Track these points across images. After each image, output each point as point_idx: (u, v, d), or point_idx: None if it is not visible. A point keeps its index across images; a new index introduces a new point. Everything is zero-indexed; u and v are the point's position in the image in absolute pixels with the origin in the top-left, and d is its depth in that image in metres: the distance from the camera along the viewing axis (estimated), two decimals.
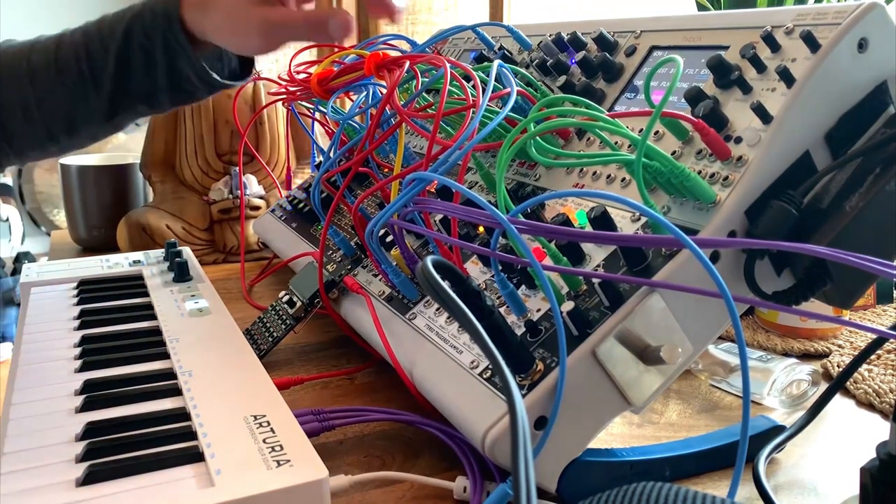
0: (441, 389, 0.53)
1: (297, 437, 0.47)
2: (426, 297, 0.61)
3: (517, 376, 0.47)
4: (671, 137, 0.53)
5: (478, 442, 0.47)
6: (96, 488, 0.43)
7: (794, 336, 0.76)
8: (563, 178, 0.61)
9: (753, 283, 0.48)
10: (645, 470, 0.50)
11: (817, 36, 0.48)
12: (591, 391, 0.46)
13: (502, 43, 0.80)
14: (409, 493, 0.51)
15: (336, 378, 0.69)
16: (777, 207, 0.46)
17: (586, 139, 0.62)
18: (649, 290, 0.46)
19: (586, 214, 0.50)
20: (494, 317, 0.45)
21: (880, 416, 0.61)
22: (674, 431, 0.59)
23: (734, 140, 0.50)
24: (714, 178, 0.49)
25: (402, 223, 0.54)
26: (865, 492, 0.40)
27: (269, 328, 0.73)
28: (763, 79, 0.51)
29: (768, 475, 0.51)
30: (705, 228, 0.47)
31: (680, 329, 0.47)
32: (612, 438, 0.57)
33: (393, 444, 0.57)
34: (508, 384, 0.34)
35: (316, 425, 0.56)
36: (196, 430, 0.48)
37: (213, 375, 0.55)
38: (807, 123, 0.48)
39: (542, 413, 0.45)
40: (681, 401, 0.64)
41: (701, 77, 0.56)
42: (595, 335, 0.46)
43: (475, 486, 0.49)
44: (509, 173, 0.67)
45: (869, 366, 0.68)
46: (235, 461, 0.44)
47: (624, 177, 0.55)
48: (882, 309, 0.84)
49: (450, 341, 0.55)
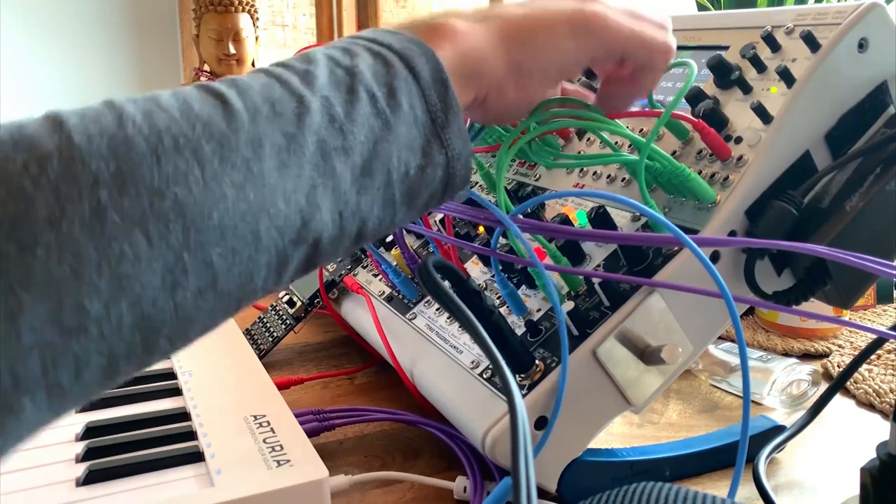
0: (441, 389, 0.53)
1: (297, 437, 0.47)
2: (426, 297, 0.61)
3: (517, 376, 0.47)
4: (671, 137, 0.53)
5: (478, 442, 0.47)
6: (96, 488, 0.43)
7: (794, 336, 0.76)
8: (563, 178, 0.61)
9: (753, 283, 0.48)
10: (645, 470, 0.50)
11: (817, 36, 0.48)
12: (591, 391, 0.46)
13: None
14: (409, 493, 0.51)
15: (336, 378, 0.69)
16: (777, 207, 0.46)
17: (586, 139, 0.62)
18: (649, 290, 0.46)
19: (586, 214, 0.50)
20: (494, 317, 0.45)
21: (880, 416, 0.61)
22: (674, 431, 0.59)
23: (734, 140, 0.50)
24: (714, 178, 0.49)
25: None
26: (865, 492, 0.40)
27: (269, 328, 0.73)
28: (763, 79, 0.51)
29: (768, 475, 0.51)
30: (705, 228, 0.47)
31: (680, 329, 0.47)
32: (612, 438, 0.57)
33: (393, 444, 0.57)
34: (508, 384, 0.34)
35: (316, 425, 0.56)
36: (196, 430, 0.48)
37: (213, 375, 0.56)
38: (807, 123, 0.48)
39: (543, 413, 0.45)
40: (681, 401, 0.64)
41: (701, 77, 0.56)
42: (595, 335, 0.46)
43: (475, 486, 0.49)
44: (509, 173, 0.66)
45: (869, 366, 0.68)
46: (235, 461, 0.44)
47: (624, 177, 0.55)
48: (882, 309, 0.84)
49: (450, 341, 0.55)
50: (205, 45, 1.88)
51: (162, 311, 0.28)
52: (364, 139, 0.34)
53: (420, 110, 0.36)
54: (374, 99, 0.35)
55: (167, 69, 3.30)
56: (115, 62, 3.29)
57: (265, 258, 0.32)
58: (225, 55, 1.85)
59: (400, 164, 0.36)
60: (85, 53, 3.21)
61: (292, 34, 3.09)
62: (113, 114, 0.30)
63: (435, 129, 0.37)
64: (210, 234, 0.29)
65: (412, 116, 0.36)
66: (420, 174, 0.37)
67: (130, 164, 0.28)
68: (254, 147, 0.31)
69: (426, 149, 0.37)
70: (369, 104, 0.35)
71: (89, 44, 3.20)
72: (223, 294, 0.31)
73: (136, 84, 3.33)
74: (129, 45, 3.30)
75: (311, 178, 0.33)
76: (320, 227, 0.33)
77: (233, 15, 1.85)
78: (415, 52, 0.37)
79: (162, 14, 3.29)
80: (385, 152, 0.35)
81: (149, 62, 3.33)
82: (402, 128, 0.36)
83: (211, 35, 1.85)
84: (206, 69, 1.91)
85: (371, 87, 0.35)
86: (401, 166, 0.36)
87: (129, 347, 0.28)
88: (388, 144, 0.35)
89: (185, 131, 0.30)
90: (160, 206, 0.28)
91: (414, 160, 0.36)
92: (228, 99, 0.32)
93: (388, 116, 0.35)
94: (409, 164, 0.36)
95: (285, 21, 3.09)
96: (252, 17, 1.91)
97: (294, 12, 3.11)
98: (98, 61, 3.25)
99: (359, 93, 0.35)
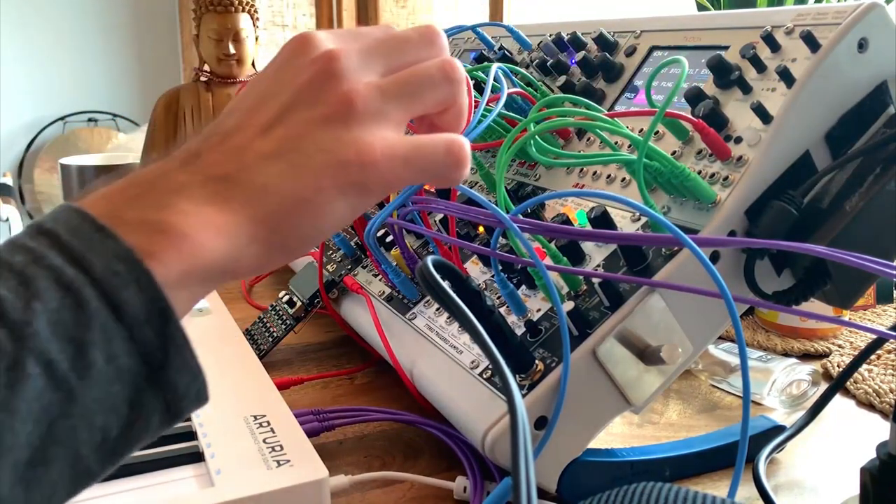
0: (441, 389, 0.53)
1: (297, 437, 0.47)
2: (426, 297, 0.61)
3: (517, 376, 0.47)
4: (671, 137, 0.53)
5: (478, 442, 0.47)
6: (96, 488, 0.43)
7: (794, 336, 0.76)
8: (563, 178, 0.61)
9: (753, 283, 0.48)
10: (645, 470, 0.50)
11: (817, 36, 0.48)
12: (591, 391, 0.46)
13: (502, 43, 0.80)
14: (409, 493, 0.51)
15: (336, 378, 0.69)
16: (777, 207, 0.46)
17: (586, 139, 0.62)
18: (649, 290, 0.46)
19: (586, 214, 0.50)
20: (494, 317, 0.45)
21: (880, 416, 0.61)
22: (674, 431, 0.59)
23: (734, 140, 0.50)
24: (714, 178, 0.49)
25: (402, 223, 0.54)
26: (865, 492, 0.40)
27: (269, 328, 0.73)
28: (763, 79, 0.51)
29: (768, 475, 0.51)
30: (705, 228, 0.47)
31: (680, 329, 0.47)
32: (612, 438, 0.57)
33: (393, 444, 0.57)
34: (508, 384, 0.34)
35: (316, 425, 0.56)
36: (196, 430, 0.48)
37: (213, 375, 0.55)
38: (807, 123, 0.48)
39: (543, 413, 0.45)
40: (681, 401, 0.64)
41: (701, 77, 0.56)
42: (595, 335, 0.46)
43: (475, 486, 0.49)
44: (509, 173, 0.66)
45: (869, 366, 0.68)
46: (235, 461, 0.44)
47: (624, 177, 0.55)
48: (882, 309, 0.84)
49: (450, 341, 0.55)
50: (205, 45, 1.88)
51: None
52: (32, 428, 0.26)
53: (125, 359, 0.28)
54: (51, 368, 0.26)
55: (167, 69, 3.31)
56: (115, 62, 3.29)
57: None
58: (225, 55, 1.84)
59: (93, 435, 0.28)
60: (85, 53, 3.21)
61: (292, 34, 3.08)
62: None
63: (149, 374, 0.29)
64: None
65: (111, 371, 0.28)
66: (126, 431, 0.29)
67: None
68: None
69: (135, 401, 0.29)
70: (42, 378, 0.26)
71: (89, 44, 3.20)
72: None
73: (136, 84, 3.34)
74: (129, 45, 3.30)
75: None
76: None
77: (233, 15, 1.85)
78: (122, 279, 0.28)
79: (162, 14, 3.29)
80: (67, 431, 0.27)
81: (149, 62, 3.33)
82: (95, 391, 0.27)
83: (211, 35, 1.84)
84: (206, 69, 1.91)
85: (48, 353, 0.26)
86: (95, 436, 0.28)
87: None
88: (72, 420, 0.27)
89: None
90: None
91: (116, 421, 0.28)
92: None
93: (71, 385, 0.27)
94: (109, 428, 0.28)
95: (285, 21, 3.10)
96: (252, 18, 1.91)
97: (294, 12, 3.11)
98: (98, 61, 3.25)
99: (26, 368, 0.26)
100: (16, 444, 0.26)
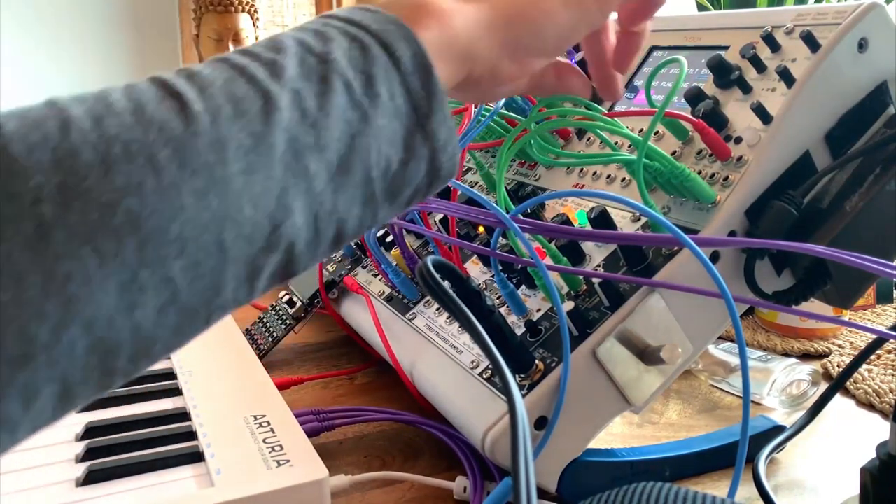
0: (441, 389, 0.53)
1: (297, 437, 0.47)
2: (426, 297, 0.61)
3: (517, 376, 0.47)
4: (671, 137, 0.53)
5: (478, 442, 0.47)
6: (96, 488, 0.43)
7: (794, 336, 0.76)
8: (563, 178, 0.61)
9: (753, 283, 0.48)
10: (645, 470, 0.50)
11: (817, 36, 0.48)
12: (591, 391, 0.46)
13: None
14: (409, 493, 0.51)
15: (336, 378, 0.69)
16: (777, 207, 0.46)
17: (586, 139, 0.62)
18: (649, 290, 0.46)
19: (586, 214, 0.50)
20: (494, 317, 0.45)
21: (880, 416, 0.61)
22: (674, 431, 0.59)
23: (734, 140, 0.50)
24: (714, 178, 0.49)
25: (402, 223, 0.54)
26: (865, 492, 0.40)
27: (269, 328, 0.73)
28: (763, 79, 0.51)
29: (768, 475, 0.51)
30: (705, 228, 0.47)
31: (680, 329, 0.47)
32: (612, 438, 0.57)
33: (393, 444, 0.57)
34: (508, 384, 0.34)
35: (316, 425, 0.56)
36: (196, 430, 0.48)
37: (213, 375, 0.56)
38: (807, 123, 0.48)
39: (543, 413, 0.45)
40: (681, 401, 0.64)
41: (701, 77, 0.56)
42: (595, 335, 0.46)
43: (475, 486, 0.49)
44: (509, 173, 0.66)
45: (869, 366, 0.68)
46: (235, 461, 0.44)
47: (624, 177, 0.55)
48: (882, 309, 0.84)
49: (450, 341, 0.55)
50: (205, 45, 1.88)
51: (119, 333, 0.26)
52: (340, 134, 0.31)
53: (401, 100, 0.33)
54: (350, 89, 0.32)
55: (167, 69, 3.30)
56: (115, 62, 3.29)
57: (232, 270, 0.29)
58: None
59: (380, 160, 0.33)
60: (85, 53, 3.21)
61: None
62: (57, 119, 0.26)
63: (418, 120, 0.33)
64: (169, 247, 0.27)
65: (392, 107, 0.33)
66: (402, 169, 0.34)
67: (76, 177, 0.25)
68: (216, 150, 0.28)
69: (408, 141, 0.33)
70: (345, 95, 0.31)
71: (89, 44, 3.20)
72: (187, 310, 0.28)
73: None
74: (129, 45, 3.30)
75: (282, 179, 0.30)
76: (293, 232, 0.30)
77: (233, 15, 1.85)
78: (395, 34, 0.33)
79: (162, 14, 3.29)
80: (363, 147, 0.32)
81: (149, 62, 3.33)
82: (382, 120, 0.32)
83: (211, 35, 1.84)
84: None
85: (346, 76, 0.32)
86: (381, 161, 0.33)
87: (85, 373, 0.26)
88: (367, 139, 0.32)
89: (138, 136, 0.27)
90: (111, 221, 0.25)
91: (395, 154, 0.33)
92: (187, 99, 0.29)
93: (365, 108, 0.32)
94: (391, 159, 0.33)
95: (285, 21, 3.10)
96: (252, 18, 1.91)
97: (294, 12, 3.11)
98: (98, 61, 3.25)
99: (333, 83, 0.31)
100: (329, 143, 0.31)
